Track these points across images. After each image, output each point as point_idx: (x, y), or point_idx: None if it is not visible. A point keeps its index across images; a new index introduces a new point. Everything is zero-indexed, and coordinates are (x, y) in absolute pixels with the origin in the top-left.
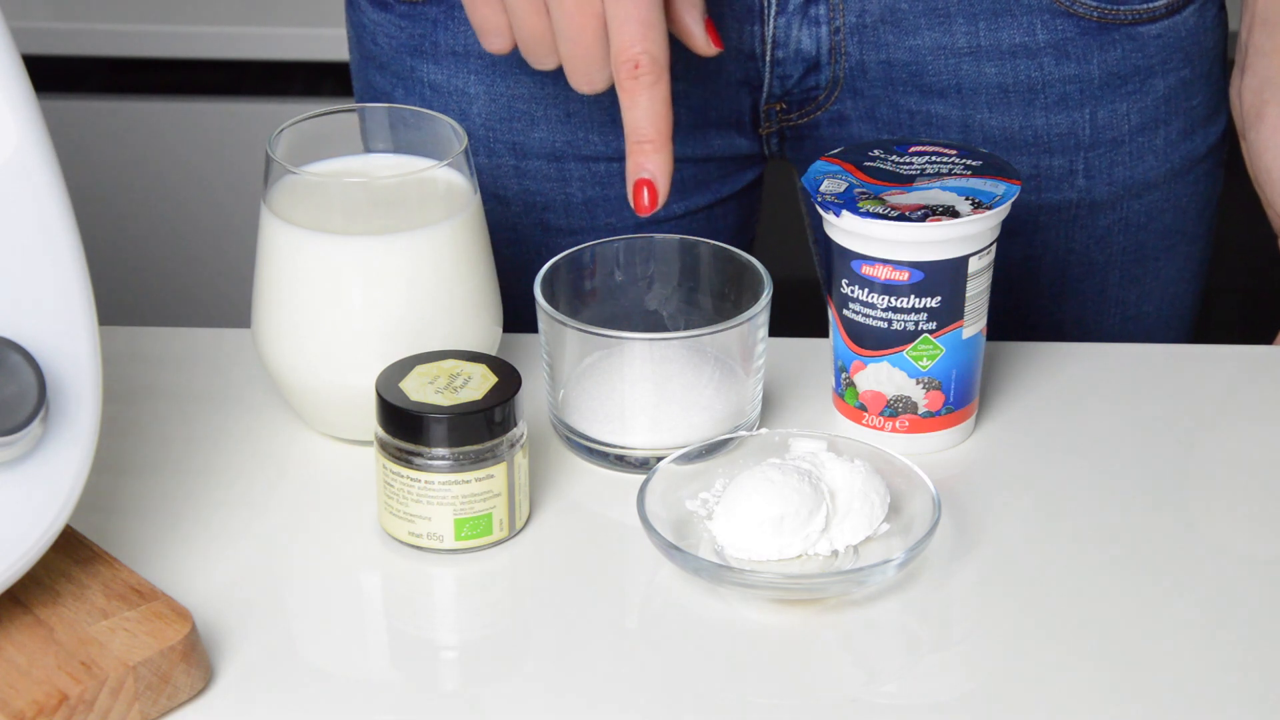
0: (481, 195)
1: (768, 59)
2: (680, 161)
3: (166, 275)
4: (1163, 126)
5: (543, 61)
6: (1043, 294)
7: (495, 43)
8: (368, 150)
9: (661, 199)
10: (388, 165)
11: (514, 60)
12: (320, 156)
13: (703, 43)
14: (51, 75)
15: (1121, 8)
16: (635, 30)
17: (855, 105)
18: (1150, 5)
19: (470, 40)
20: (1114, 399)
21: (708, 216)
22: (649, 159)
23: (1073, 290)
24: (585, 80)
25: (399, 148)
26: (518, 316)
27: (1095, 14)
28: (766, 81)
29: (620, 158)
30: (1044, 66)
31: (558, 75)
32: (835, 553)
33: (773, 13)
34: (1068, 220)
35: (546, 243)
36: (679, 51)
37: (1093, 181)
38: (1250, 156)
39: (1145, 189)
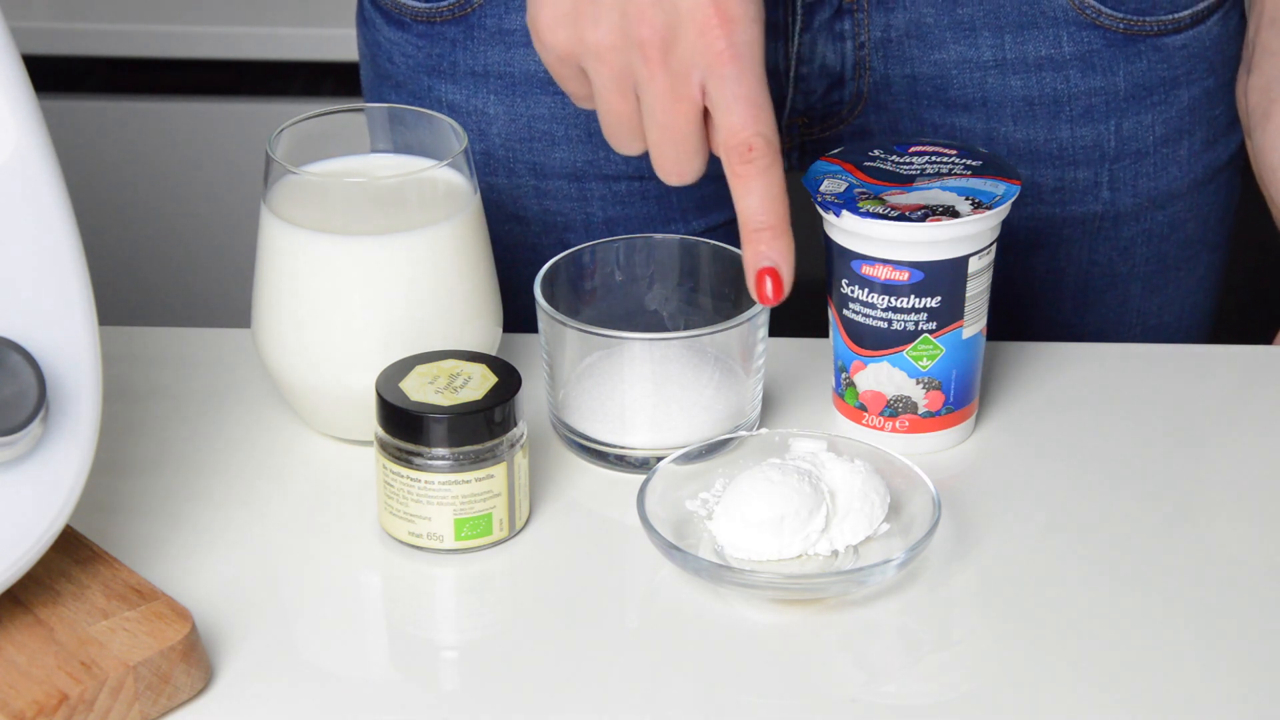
0: (501, 215)
1: (791, 75)
2: (701, 178)
3: (166, 275)
4: (1187, 137)
5: (626, 146)
6: (1065, 306)
7: (585, 105)
8: (373, 150)
9: (786, 288)
10: (388, 165)
11: (534, 80)
12: (320, 156)
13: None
14: (51, 75)
15: (1148, 19)
16: (745, 112)
17: (878, 119)
18: (1175, 16)
19: (490, 60)
20: (1114, 399)
21: (727, 233)
22: (769, 246)
23: (1095, 302)
24: (675, 170)
25: (399, 148)
26: (529, 316)
27: (1121, 26)
28: (789, 97)
29: (642, 176)
30: (1070, 79)
31: None
32: (835, 553)
33: (797, 29)
34: (1091, 232)
35: None
36: None
37: (1117, 193)
38: (1256, 155)
39: (1169, 199)
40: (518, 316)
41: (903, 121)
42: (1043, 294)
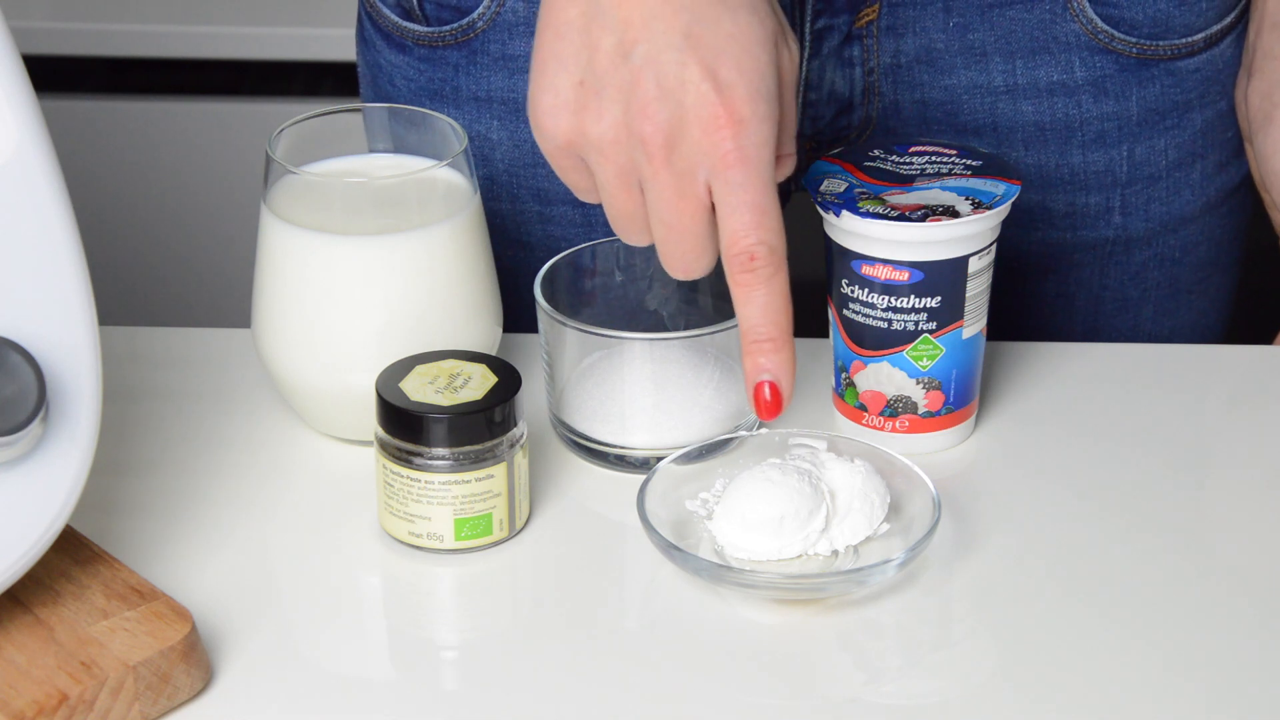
0: (504, 241)
1: (799, 101)
2: None
3: (166, 275)
4: (1199, 160)
5: (634, 238)
6: (1075, 331)
7: (590, 200)
8: (371, 150)
9: (786, 401)
10: (388, 165)
11: None
12: (320, 156)
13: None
14: (51, 75)
15: (1161, 43)
16: (749, 218)
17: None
18: (1189, 40)
19: (493, 85)
20: (1114, 399)
21: None
22: (769, 359)
23: (1105, 326)
24: (682, 267)
25: (399, 148)
26: (528, 318)
27: (1134, 50)
28: (797, 122)
29: None
30: (1082, 104)
31: None
32: (835, 553)
33: (806, 55)
34: (1103, 257)
35: None
36: None
37: (1129, 218)
38: (1259, 160)
39: (1181, 223)
40: (518, 327)
41: None
42: (1053, 318)
